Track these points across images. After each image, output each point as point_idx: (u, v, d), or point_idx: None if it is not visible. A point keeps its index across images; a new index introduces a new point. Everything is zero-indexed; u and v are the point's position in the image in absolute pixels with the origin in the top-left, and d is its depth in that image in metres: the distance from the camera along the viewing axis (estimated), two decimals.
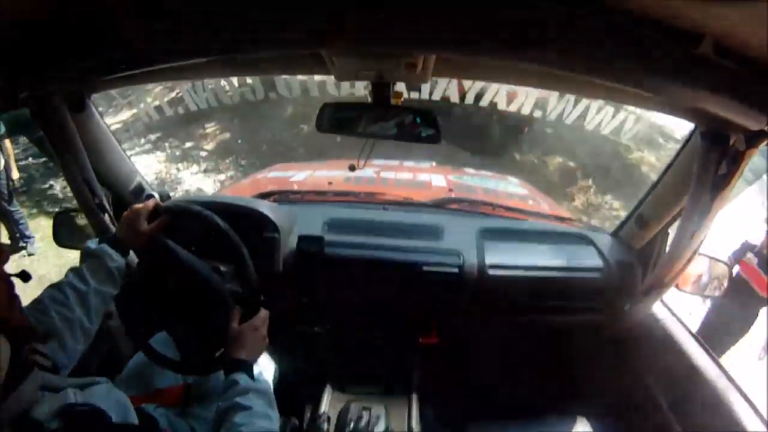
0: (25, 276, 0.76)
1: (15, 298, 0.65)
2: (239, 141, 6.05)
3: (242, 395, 0.91)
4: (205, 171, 5.68)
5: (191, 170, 5.68)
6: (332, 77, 1.07)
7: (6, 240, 3.72)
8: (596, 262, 1.50)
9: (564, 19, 0.66)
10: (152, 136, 5.96)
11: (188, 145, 6.05)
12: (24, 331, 0.65)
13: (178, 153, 5.93)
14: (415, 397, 1.60)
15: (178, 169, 5.69)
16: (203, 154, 5.99)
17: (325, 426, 1.48)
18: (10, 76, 0.89)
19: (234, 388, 0.93)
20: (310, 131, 5.90)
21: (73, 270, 1.03)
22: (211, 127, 6.30)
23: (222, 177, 5.52)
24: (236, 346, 1.02)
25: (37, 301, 0.96)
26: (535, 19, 0.67)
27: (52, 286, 0.99)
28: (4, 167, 3.52)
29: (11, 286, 0.65)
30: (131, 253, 1.12)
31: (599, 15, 0.66)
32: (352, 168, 1.29)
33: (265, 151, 5.86)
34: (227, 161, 5.80)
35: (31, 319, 0.88)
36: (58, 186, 4.96)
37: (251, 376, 0.97)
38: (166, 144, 6.00)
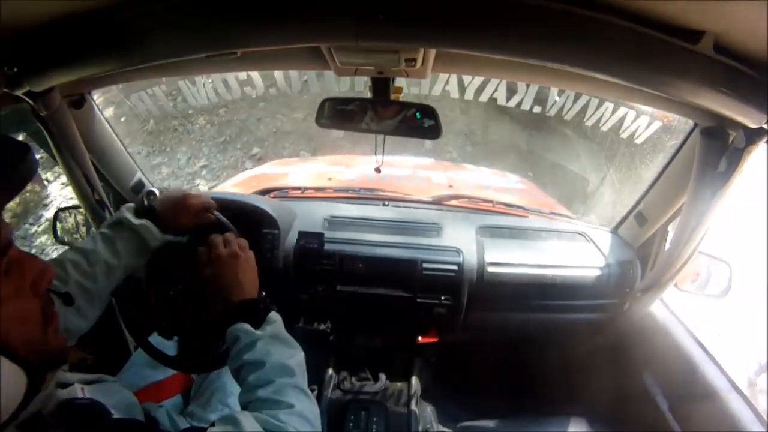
0: (67, 299, 0.72)
1: (51, 321, 0.60)
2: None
3: (250, 350, 0.82)
4: None
5: (62, 179, 4.59)
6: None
7: None
8: (596, 259, 1.50)
9: (564, 16, 0.66)
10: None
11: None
12: (59, 354, 0.62)
13: None
14: (414, 396, 1.61)
15: (48, 180, 4.67)
16: None
17: (325, 425, 1.48)
18: (10, 72, 0.89)
19: (237, 345, 0.84)
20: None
21: (104, 238, 0.95)
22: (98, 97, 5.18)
23: None
24: (220, 290, 0.89)
25: (57, 262, 0.90)
26: (536, 16, 0.67)
27: (76, 251, 0.92)
28: None
29: (49, 305, 0.60)
30: None
31: (599, 12, 0.66)
32: (377, 170, 1.29)
33: (171, 129, 4.72)
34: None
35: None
36: None
37: (258, 317, 0.86)
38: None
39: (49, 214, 4.36)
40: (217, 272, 0.90)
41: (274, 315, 0.89)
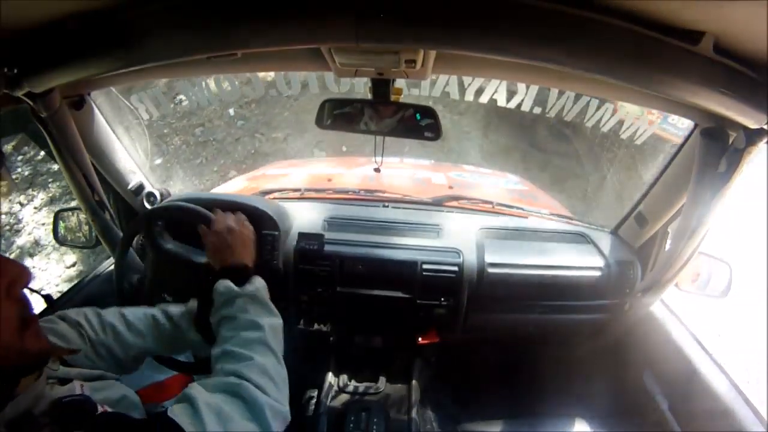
0: (49, 300, 0.74)
1: (29, 324, 0.59)
2: None
3: (228, 306, 0.86)
4: (53, 200, 4.45)
5: (35, 203, 4.48)
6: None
7: None
8: (596, 260, 1.50)
9: (564, 18, 0.66)
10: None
11: (41, 155, 4.72)
12: (38, 357, 0.61)
13: (27, 172, 4.65)
14: (414, 397, 1.61)
15: (21, 204, 4.47)
16: (55, 167, 4.51)
17: (325, 426, 1.48)
18: (11, 73, 0.89)
19: (218, 300, 0.88)
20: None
21: (156, 328, 0.98)
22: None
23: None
24: (214, 256, 0.97)
25: (99, 317, 0.92)
26: (536, 17, 0.67)
27: (124, 321, 0.95)
28: None
29: (25, 308, 0.59)
30: None
31: (599, 13, 0.66)
32: (377, 170, 1.30)
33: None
34: None
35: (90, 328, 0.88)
36: None
37: (243, 280, 0.90)
38: (16, 158, 4.72)
39: (21, 240, 4.24)
40: (214, 242, 0.97)
41: (259, 279, 0.93)
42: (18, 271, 0.58)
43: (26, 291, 0.61)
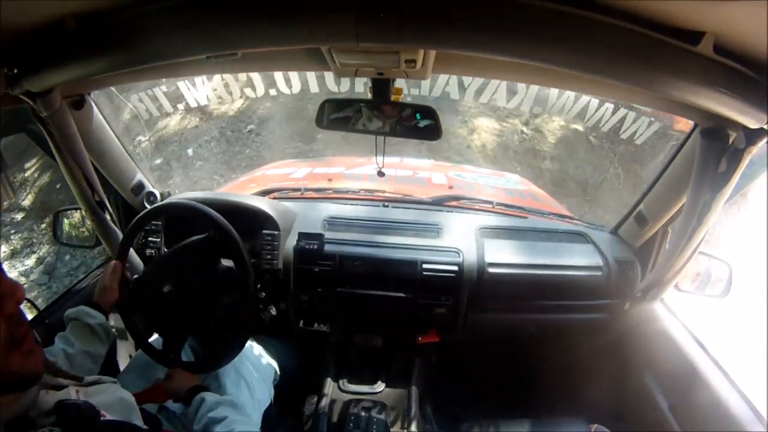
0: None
1: (21, 342, 0.57)
2: (58, 186, 4.70)
3: (213, 410, 0.97)
4: (14, 254, 4.40)
5: None
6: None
7: None
8: (596, 260, 1.49)
9: (564, 18, 0.66)
10: None
11: (4, 204, 4.58)
12: (26, 377, 0.59)
13: None
14: (414, 397, 1.61)
15: None
16: (18, 217, 4.67)
17: (325, 426, 1.48)
18: (10, 73, 0.89)
19: (203, 406, 0.99)
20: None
21: (60, 336, 1.09)
22: (30, 168, 4.99)
23: (31, 262, 4.29)
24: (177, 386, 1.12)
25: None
26: (536, 18, 0.67)
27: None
28: None
29: (16, 326, 0.57)
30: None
31: (600, 13, 0.66)
32: (380, 174, 1.29)
33: None
34: (44, 224, 4.49)
35: None
36: None
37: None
38: None
39: None
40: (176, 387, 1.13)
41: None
42: (9, 289, 0.56)
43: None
